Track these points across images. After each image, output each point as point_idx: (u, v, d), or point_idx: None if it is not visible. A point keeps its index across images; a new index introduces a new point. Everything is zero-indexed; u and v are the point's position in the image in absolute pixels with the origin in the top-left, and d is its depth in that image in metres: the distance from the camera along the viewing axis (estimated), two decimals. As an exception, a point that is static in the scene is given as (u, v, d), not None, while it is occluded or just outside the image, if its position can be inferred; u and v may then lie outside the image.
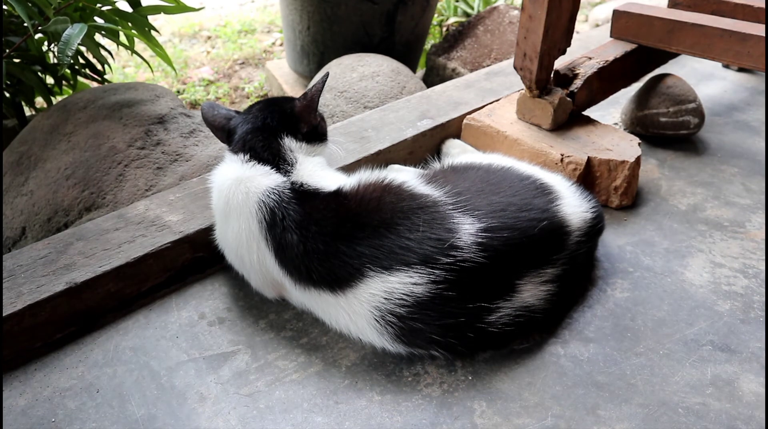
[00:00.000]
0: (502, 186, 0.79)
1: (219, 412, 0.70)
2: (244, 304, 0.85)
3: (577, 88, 1.10)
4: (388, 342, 0.72)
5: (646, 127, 1.22)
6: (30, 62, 1.35)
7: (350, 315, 0.73)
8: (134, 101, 1.23)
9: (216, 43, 2.77)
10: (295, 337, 0.80)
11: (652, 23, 1.17)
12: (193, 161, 1.14)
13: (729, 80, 1.52)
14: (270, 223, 0.75)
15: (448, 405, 0.70)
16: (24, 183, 1.14)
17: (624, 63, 1.19)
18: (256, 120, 0.83)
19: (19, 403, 0.72)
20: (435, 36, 2.55)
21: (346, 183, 0.79)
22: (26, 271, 0.81)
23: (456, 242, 0.69)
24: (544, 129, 1.08)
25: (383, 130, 1.14)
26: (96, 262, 0.82)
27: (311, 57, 1.99)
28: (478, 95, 1.28)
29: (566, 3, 0.99)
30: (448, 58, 1.91)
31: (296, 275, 0.75)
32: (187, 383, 0.74)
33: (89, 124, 1.16)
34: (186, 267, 0.89)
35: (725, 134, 1.28)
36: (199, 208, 0.93)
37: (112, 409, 0.71)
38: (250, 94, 2.29)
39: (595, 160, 1.01)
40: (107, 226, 0.89)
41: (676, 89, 1.20)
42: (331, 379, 0.74)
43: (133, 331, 0.81)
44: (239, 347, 0.79)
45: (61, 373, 0.76)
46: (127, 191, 1.08)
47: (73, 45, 1.13)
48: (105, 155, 1.11)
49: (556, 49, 1.03)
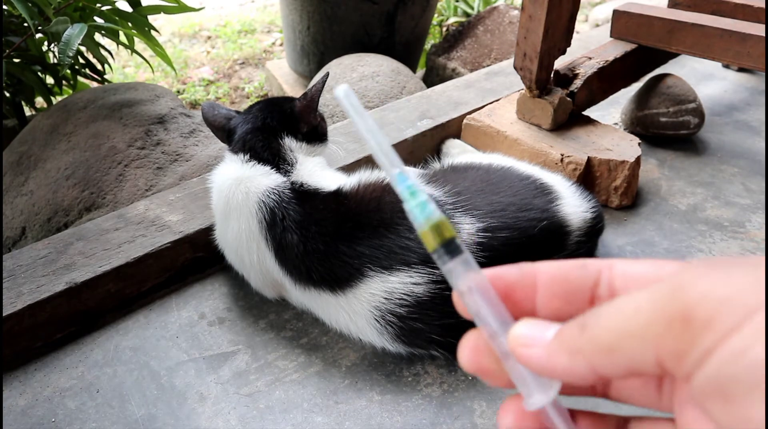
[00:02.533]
0: (502, 186, 0.79)
1: (219, 412, 0.70)
2: (244, 304, 0.85)
3: (577, 88, 1.10)
4: (388, 342, 0.72)
5: (646, 127, 1.22)
6: (30, 62, 1.35)
7: (350, 315, 0.73)
8: (134, 101, 1.23)
9: (216, 43, 2.77)
10: (295, 337, 0.80)
11: (652, 23, 1.17)
12: (193, 161, 1.14)
13: (729, 80, 1.52)
14: (270, 223, 0.75)
15: (448, 405, 0.70)
16: (24, 183, 1.14)
17: (624, 63, 1.19)
18: (256, 120, 0.83)
19: (19, 403, 0.72)
20: (435, 36, 2.55)
21: (346, 183, 0.79)
22: (26, 271, 0.81)
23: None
24: (544, 129, 1.08)
25: (383, 130, 1.14)
26: (96, 262, 0.82)
27: (311, 57, 1.99)
28: (478, 95, 1.28)
29: (566, 3, 0.99)
30: (448, 58, 1.91)
31: (296, 275, 0.75)
32: (187, 383, 0.74)
33: (89, 124, 1.16)
34: (186, 267, 0.89)
35: (725, 134, 1.28)
36: (199, 208, 0.93)
37: (112, 409, 0.71)
38: (250, 94, 2.29)
39: (595, 160, 1.01)
40: (107, 226, 0.89)
41: (676, 89, 1.20)
42: (331, 379, 0.74)
43: (133, 331, 0.81)
44: (239, 347, 0.79)
45: (61, 373, 0.76)
46: (127, 191, 1.08)
47: (74, 45, 1.13)
48: (105, 155, 1.11)
49: (556, 49, 1.03)
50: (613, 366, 0.22)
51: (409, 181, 0.28)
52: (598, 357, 0.22)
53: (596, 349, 0.22)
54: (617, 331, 0.21)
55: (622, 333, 0.21)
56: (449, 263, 0.27)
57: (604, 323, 0.22)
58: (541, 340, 0.24)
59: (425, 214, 0.27)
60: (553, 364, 0.24)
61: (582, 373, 0.23)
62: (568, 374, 0.23)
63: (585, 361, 0.23)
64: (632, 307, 0.21)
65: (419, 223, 0.27)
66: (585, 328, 0.23)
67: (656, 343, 0.20)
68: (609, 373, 0.22)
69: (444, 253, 0.27)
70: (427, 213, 0.27)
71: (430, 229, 0.27)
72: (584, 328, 0.23)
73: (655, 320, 0.20)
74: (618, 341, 0.21)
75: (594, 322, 0.23)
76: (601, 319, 0.22)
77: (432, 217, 0.27)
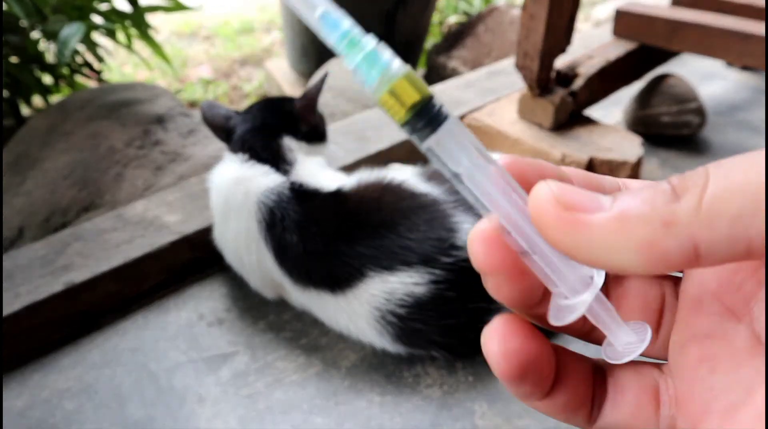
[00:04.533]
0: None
1: (218, 414, 0.69)
2: (244, 305, 0.85)
3: (578, 87, 1.09)
4: (388, 343, 0.72)
5: (647, 126, 1.22)
6: (28, 61, 1.34)
7: (350, 315, 0.72)
8: (132, 101, 1.22)
9: (215, 42, 2.76)
10: (295, 338, 0.79)
11: (654, 22, 1.16)
12: (192, 161, 1.13)
13: (731, 80, 1.52)
14: (269, 224, 0.74)
15: (448, 406, 0.70)
16: (21, 183, 1.14)
17: (626, 62, 1.19)
18: (255, 119, 0.83)
19: (17, 404, 0.71)
20: (435, 35, 2.55)
21: (346, 183, 0.78)
22: (24, 272, 0.80)
23: (456, 241, 0.69)
24: (545, 128, 1.08)
25: (383, 130, 1.14)
26: (94, 262, 0.82)
27: (311, 56, 1.98)
28: (478, 95, 1.27)
29: (567, 2, 0.98)
30: (449, 57, 1.91)
31: (296, 275, 0.74)
32: (186, 384, 0.73)
33: (87, 123, 1.16)
34: (185, 267, 0.89)
35: (727, 134, 1.27)
36: (198, 209, 0.92)
37: (110, 410, 0.70)
38: (250, 93, 2.29)
39: (596, 160, 1.00)
40: (105, 227, 0.89)
41: (678, 89, 1.19)
42: (330, 380, 0.74)
43: (132, 332, 0.81)
44: (238, 348, 0.78)
45: (59, 374, 0.75)
46: (126, 191, 1.08)
47: (72, 44, 1.12)
48: (103, 155, 1.11)
49: (557, 48, 1.03)
50: (737, 237, 0.15)
51: (343, 27, 0.19)
52: (712, 226, 0.15)
53: (712, 215, 0.15)
54: (755, 188, 0.15)
55: (763, 190, 0.15)
56: (431, 137, 0.19)
57: (728, 182, 0.16)
58: (599, 205, 0.17)
59: (377, 70, 0.19)
60: (628, 236, 0.16)
61: (672, 253, 0.16)
62: (649, 252, 0.16)
63: (686, 233, 0.16)
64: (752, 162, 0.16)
65: (371, 84, 0.19)
66: (684, 189, 0.16)
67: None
68: (720, 252, 0.16)
69: (420, 123, 0.19)
70: (381, 67, 0.19)
71: (389, 92, 0.19)
72: (683, 190, 0.16)
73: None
74: (754, 202, 0.15)
75: (699, 182, 0.16)
76: (719, 179, 0.16)
77: (389, 71, 0.19)
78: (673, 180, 0.17)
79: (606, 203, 0.17)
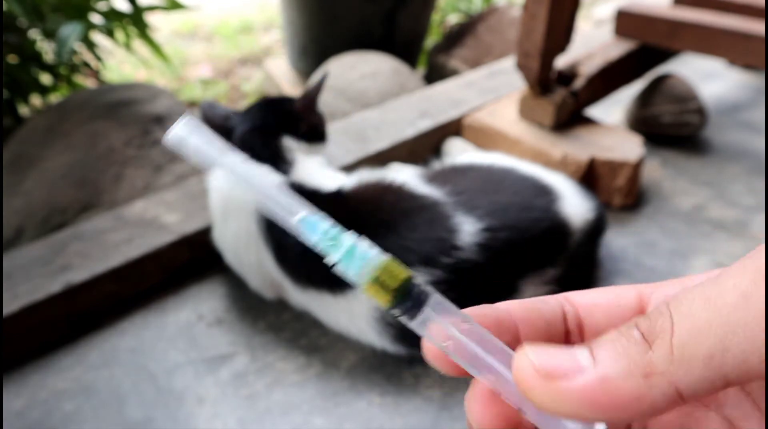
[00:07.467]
0: (503, 185, 0.78)
1: (218, 415, 0.69)
2: (243, 306, 0.84)
3: (579, 86, 1.09)
4: (388, 343, 0.72)
5: (648, 126, 1.21)
6: (26, 61, 1.34)
7: (350, 316, 0.72)
8: (131, 100, 1.22)
9: (214, 42, 2.76)
10: (295, 339, 0.79)
11: (655, 22, 1.16)
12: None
13: (733, 79, 1.51)
14: (269, 224, 0.74)
15: (449, 407, 0.70)
16: (20, 183, 1.13)
17: (626, 61, 1.19)
18: (255, 119, 0.82)
19: (15, 405, 0.71)
20: (435, 34, 2.54)
21: (346, 183, 0.78)
22: (23, 272, 0.80)
23: (456, 242, 0.68)
24: (546, 128, 1.07)
25: (383, 130, 1.14)
26: (93, 262, 0.81)
27: (311, 55, 1.98)
28: (479, 94, 1.27)
29: (568, 1, 0.98)
30: (449, 56, 1.90)
31: (295, 276, 0.74)
32: (186, 385, 0.73)
33: (86, 123, 1.16)
34: (184, 268, 0.88)
35: (729, 134, 1.27)
36: (197, 209, 0.92)
37: (109, 411, 0.70)
38: (249, 92, 2.28)
39: (597, 160, 1.00)
40: (104, 227, 0.88)
41: (679, 88, 1.19)
42: (330, 380, 0.73)
43: (131, 333, 0.80)
44: (238, 349, 0.78)
45: (58, 375, 0.75)
46: (125, 191, 1.07)
47: (71, 44, 1.12)
48: (102, 155, 1.10)
49: (557, 47, 1.02)
50: (713, 376, 0.16)
51: (322, 225, 0.21)
52: (688, 370, 0.16)
53: (685, 360, 0.16)
54: (720, 328, 0.16)
55: (727, 328, 0.16)
56: (418, 316, 0.21)
57: (692, 324, 0.16)
58: (578, 367, 0.17)
59: (358, 263, 0.20)
60: (614, 395, 0.17)
61: (659, 401, 0.16)
62: (638, 406, 0.17)
63: (666, 381, 0.16)
64: (734, 294, 0.16)
65: (355, 278, 0.21)
66: (654, 335, 0.17)
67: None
68: (701, 390, 0.16)
69: (405, 306, 0.21)
70: (360, 261, 0.20)
71: (372, 281, 0.20)
72: (653, 336, 0.17)
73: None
74: (722, 341, 0.16)
75: (665, 326, 0.17)
76: (683, 320, 0.17)
77: (369, 263, 0.20)
78: (641, 325, 0.18)
79: (584, 361, 0.17)
